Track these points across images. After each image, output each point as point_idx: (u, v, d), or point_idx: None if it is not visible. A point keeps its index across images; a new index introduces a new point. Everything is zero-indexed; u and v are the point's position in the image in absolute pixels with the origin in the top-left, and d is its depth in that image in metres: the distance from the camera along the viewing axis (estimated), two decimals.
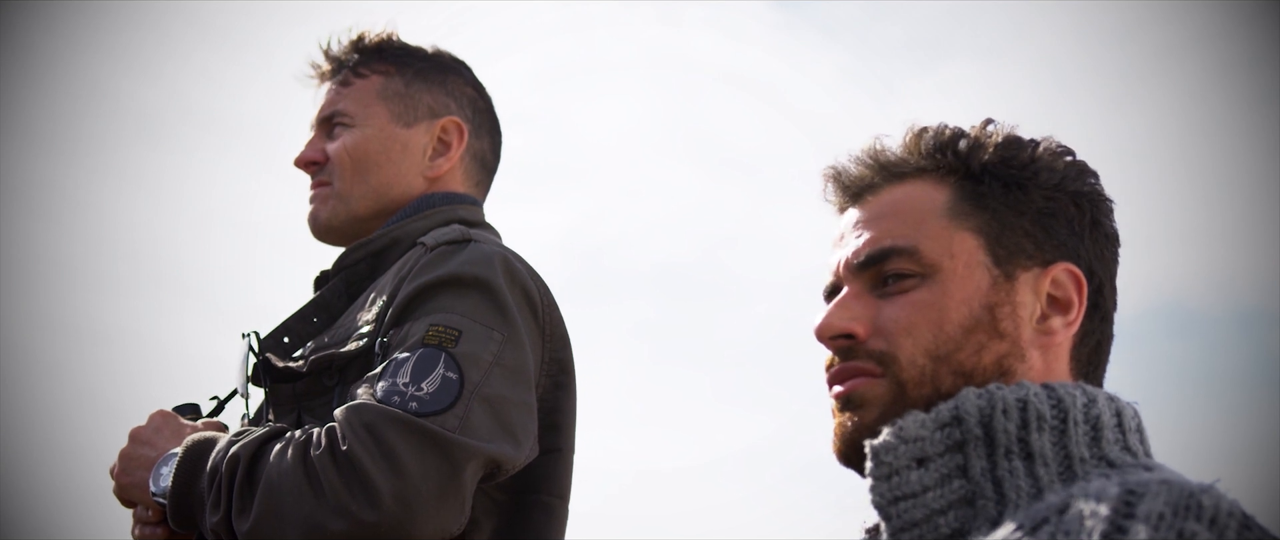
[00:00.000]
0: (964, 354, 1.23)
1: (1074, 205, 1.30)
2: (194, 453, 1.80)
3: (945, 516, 1.17)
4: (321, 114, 2.17)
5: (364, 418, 1.68)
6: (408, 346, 1.78)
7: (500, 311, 1.83)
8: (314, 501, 1.65)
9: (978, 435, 1.18)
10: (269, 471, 1.70)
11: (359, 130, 2.12)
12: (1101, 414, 1.20)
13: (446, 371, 1.75)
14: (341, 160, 2.11)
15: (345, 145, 2.11)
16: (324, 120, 2.16)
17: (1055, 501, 1.08)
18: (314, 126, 2.17)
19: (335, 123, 2.15)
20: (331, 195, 2.11)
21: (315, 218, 2.13)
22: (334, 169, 2.11)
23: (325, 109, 2.16)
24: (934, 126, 1.33)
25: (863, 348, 1.26)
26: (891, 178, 1.33)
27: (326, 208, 2.11)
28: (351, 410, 1.70)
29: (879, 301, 1.27)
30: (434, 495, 1.67)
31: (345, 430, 1.68)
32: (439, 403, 1.73)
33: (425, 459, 1.67)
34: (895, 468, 1.19)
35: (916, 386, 1.23)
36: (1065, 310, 1.28)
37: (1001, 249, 1.27)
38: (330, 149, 2.12)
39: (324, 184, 2.13)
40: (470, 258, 1.88)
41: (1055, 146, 1.32)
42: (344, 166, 2.11)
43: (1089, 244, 1.30)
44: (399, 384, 1.73)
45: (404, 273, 1.89)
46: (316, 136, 2.16)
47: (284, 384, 1.93)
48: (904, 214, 1.29)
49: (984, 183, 1.29)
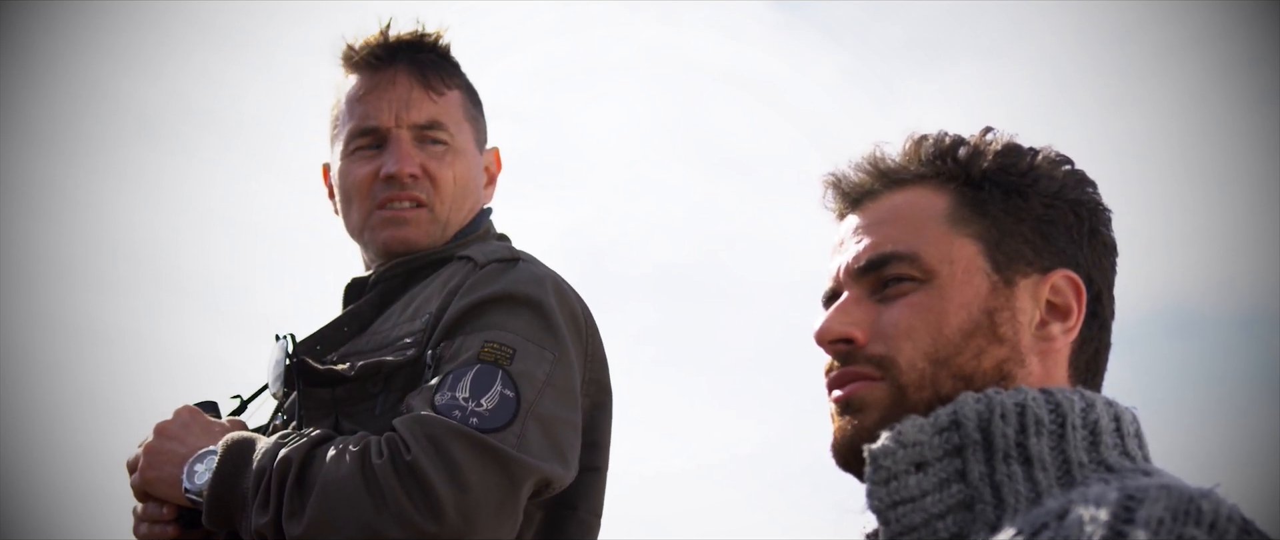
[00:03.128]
0: (964, 358, 1.24)
1: (1073, 213, 1.30)
2: (235, 451, 1.79)
3: (944, 521, 1.17)
4: (416, 119, 2.01)
5: (428, 429, 1.70)
6: (463, 361, 1.79)
7: (551, 331, 1.86)
8: (373, 509, 1.67)
9: (976, 440, 1.18)
10: (325, 476, 1.71)
11: (459, 154, 2.04)
12: (1100, 419, 1.20)
13: (504, 389, 1.78)
14: (448, 187, 2.01)
15: (455, 172, 2.02)
16: (419, 128, 2.01)
17: (1054, 507, 1.08)
18: (397, 126, 2.00)
19: (432, 137, 2.02)
20: (430, 219, 2.01)
21: (407, 240, 2.00)
22: (438, 194, 2.00)
23: (420, 114, 2.01)
24: (934, 134, 1.33)
25: (862, 352, 1.26)
26: (891, 184, 1.33)
27: (422, 232, 2.01)
28: (415, 421, 1.72)
29: (878, 306, 1.28)
30: (493, 510, 1.70)
31: (409, 440, 1.70)
32: (498, 419, 1.76)
33: (486, 474, 1.70)
34: (894, 472, 1.19)
35: (916, 390, 1.24)
36: (1064, 317, 1.28)
37: (1001, 255, 1.28)
38: (433, 169, 2.00)
39: (419, 203, 2.00)
40: (522, 277, 1.90)
41: (1054, 155, 1.33)
42: (449, 193, 2.02)
43: (1087, 252, 1.30)
44: (459, 398, 1.75)
45: (452, 287, 1.90)
46: (410, 144, 2.00)
47: (322, 388, 1.90)
48: (904, 220, 1.30)
49: (984, 190, 1.30)
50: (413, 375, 1.85)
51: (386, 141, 2.00)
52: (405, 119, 2.00)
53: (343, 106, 2.05)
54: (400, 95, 2.01)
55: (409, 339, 1.88)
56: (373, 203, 1.99)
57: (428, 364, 1.84)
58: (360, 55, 2.04)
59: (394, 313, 1.96)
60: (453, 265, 1.96)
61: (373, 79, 2.03)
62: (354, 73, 2.06)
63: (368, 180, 1.99)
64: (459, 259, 1.96)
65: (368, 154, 2.01)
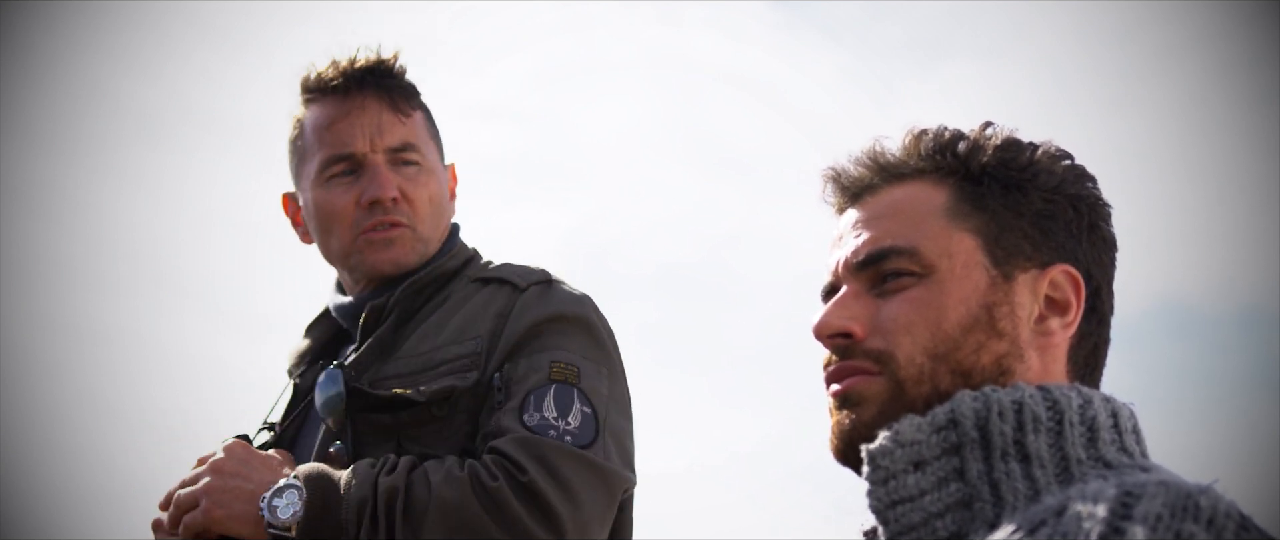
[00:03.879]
0: (962, 353, 1.24)
1: (1072, 208, 1.30)
2: (321, 484, 1.81)
3: (943, 519, 1.17)
4: (389, 142, 2.06)
5: (536, 450, 1.81)
6: (535, 382, 1.90)
7: (601, 347, 1.99)
8: (497, 529, 1.77)
9: (974, 438, 1.18)
10: (440, 501, 1.78)
11: (430, 173, 2.10)
12: (1097, 415, 1.20)
13: (582, 406, 1.90)
14: (423, 207, 2.07)
15: (428, 191, 2.08)
16: (393, 151, 2.07)
17: (1053, 503, 1.08)
18: (372, 151, 2.05)
19: (405, 159, 2.07)
20: (413, 238, 2.06)
21: (398, 261, 2.05)
22: (416, 214, 2.06)
23: (393, 138, 2.07)
24: (933, 128, 1.33)
25: (861, 346, 1.26)
26: (891, 179, 1.33)
27: (409, 251, 2.06)
28: (521, 442, 1.82)
29: (877, 301, 1.28)
30: (599, 522, 1.87)
31: (523, 461, 1.80)
32: (587, 435, 1.89)
33: (592, 488, 1.85)
34: (892, 472, 1.19)
35: (914, 385, 1.23)
36: (1063, 312, 1.28)
37: (1000, 250, 1.28)
38: (409, 191, 2.05)
39: (398, 224, 2.05)
40: (566, 297, 2.02)
41: (1054, 150, 1.32)
42: (425, 213, 2.07)
43: (1087, 247, 1.30)
44: (548, 418, 1.86)
45: (498, 310, 1.98)
46: (387, 168, 2.05)
47: (382, 414, 1.93)
48: (903, 214, 1.30)
49: (983, 184, 1.30)
50: (476, 398, 1.92)
51: (362, 167, 2.04)
52: (379, 144, 2.05)
53: (309, 135, 2.09)
54: (370, 120, 2.05)
55: (466, 361, 1.94)
56: (357, 229, 2.04)
57: (496, 386, 1.91)
58: (323, 83, 2.09)
59: (423, 335, 2.00)
60: (490, 288, 2.03)
61: (341, 106, 2.07)
62: (316, 102, 2.10)
63: (350, 207, 2.04)
64: (494, 282, 2.04)
65: (345, 181, 2.05)
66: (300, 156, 2.11)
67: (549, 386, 1.90)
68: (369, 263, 2.05)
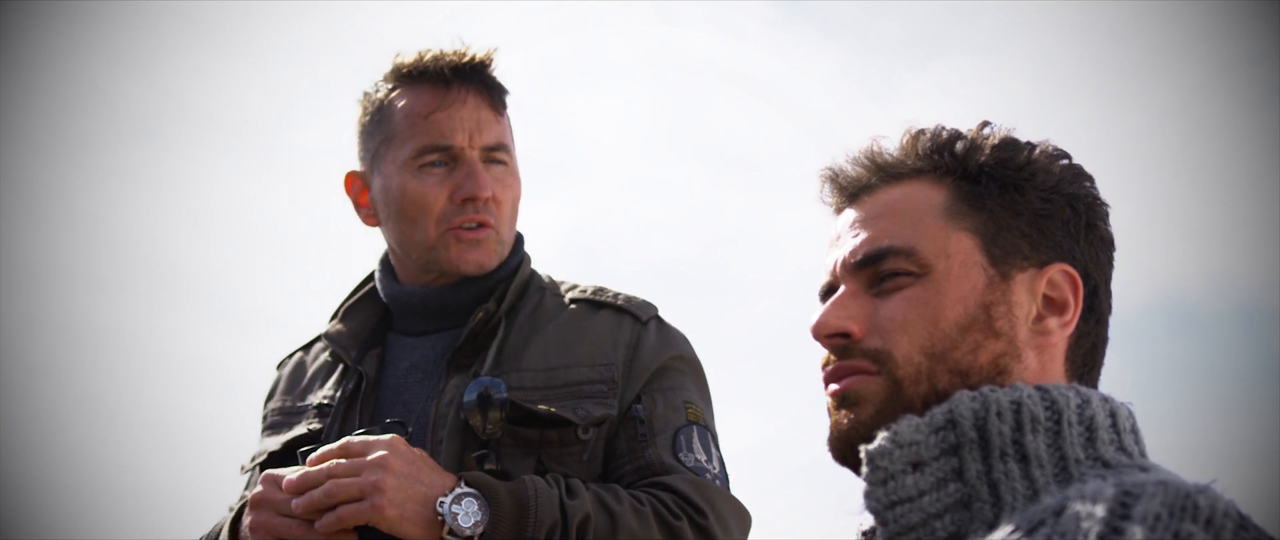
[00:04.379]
0: (960, 352, 1.24)
1: (1070, 207, 1.30)
2: (500, 497, 1.80)
3: (941, 520, 1.17)
4: (486, 140, 2.04)
5: (707, 494, 1.92)
6: (678, 422, 1.99)
7: (706, 390, 2.11)
8: None
9: (972, 438, 1.18)
10: (627, 531, 1.84)
11: (515, 177, 2.08)
12: (1096, 415, 1.20)
13: (716, 449, 2.03)
14: (508, 210, 2.06)
15: (513, 194, 2.07)
16: (488, 149, 2.04)
17: (1051, 503, 1.08)
18: (470, 147, 2.02)
19: (496, 158, 2.05)
20: (496, 240, 2.05)
21: (483, 264, 2.04)
22: (501, 216, 2.05)
23: (489, 136, 2.04)
24: (931, 128, 1.33)
25: (858, 346, 1.26)
26: (888, 178, 1.33)
27: (492, 253, 2.05)
28: (694, 486, 1.92)
29: (875, 300, 1.28)
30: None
31: (700, 504, 1.90)
32: (726, 478, 2.01)
33: (741, 528, 1.97)
34: (891, 472, 1.19)
35: (912, 384, 1.23)
36: (1061, 311, 1.28)
37: (997, 249, 1.27)
38: (498, 192, 2.04)
39: (486, 225, 2.03)
40: (681, 338, 2.10)
41: (1052, 149, 1.32)
42: (508, 216, 2.07)
43: (1084, 246, 1.30)
44: (701, 460, 1.97)
45: (628, 342, 2.03)
46: (481, 166, 2.03)
47: (528, 428, 1.92)
48: (901, 214, 1.30)
49: (981, 184, 1.30)
50: (610, 426, 1.96)
51: (458, 161, 2.02)
52: (478, 140, 2.02)
53: (400, 120, 2.04)
54: (470, 115, 2.03)
55: (603, 387, 1.98)
56: (445, 223, 2.01)
57: (639, 419, 1.97)
58: (423, 70, 2.05)
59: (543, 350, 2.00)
60: (606, 314, 2.06)
61: (441, 96, 2.03)
62: (410, 88, 2.06)
63: (441, 200, 2.01)
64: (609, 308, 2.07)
65: (438, 172, 2.02)
66: (385, 139, 2.06)
67: (691, 427, 2.00)
68: (452, 259, 2.02)
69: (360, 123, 2.12)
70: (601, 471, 1.96)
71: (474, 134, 2.02)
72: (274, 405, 2.16)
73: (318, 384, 2.12)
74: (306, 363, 2.19)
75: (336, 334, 2.12)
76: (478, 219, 2.01)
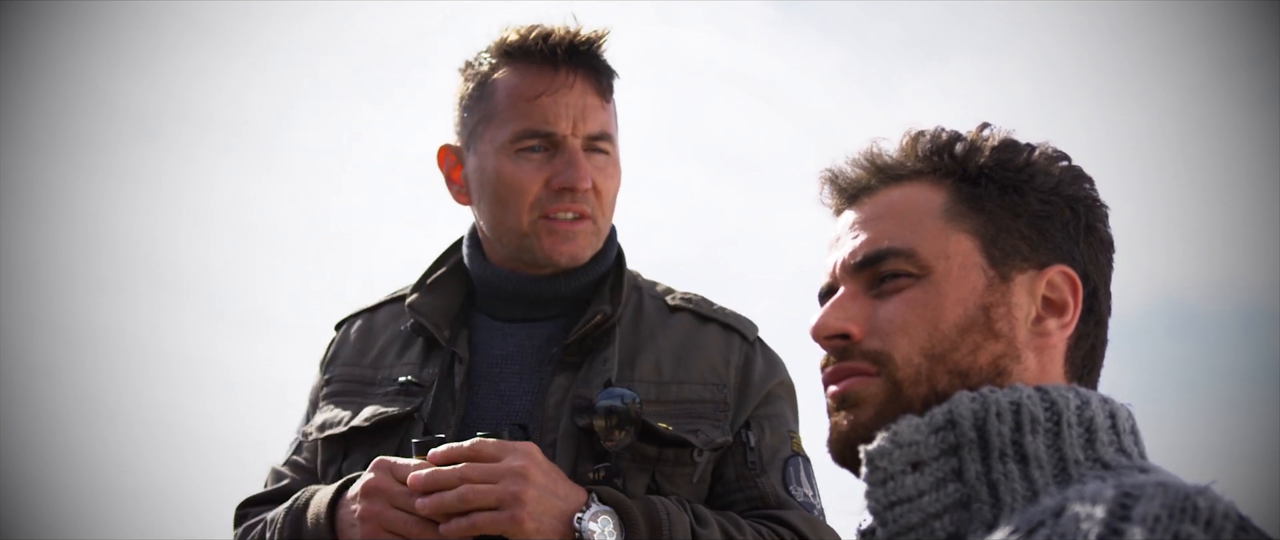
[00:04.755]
0: (959, 354, 1.24)
1: (1069, 209, 1.30)
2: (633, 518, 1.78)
3: (941, 520, 1.17)
4: (590, 129, 1.94)
5: (819, 532, 1.94)
6: (786, 453, 1.99)
7: (798, 416, 2.08)
8: None
9: (972, 438, 1.18)
10: None
11: (617, 166, 1.99)
12: (1095, 416, 1.20)
13: (814, 480, 2.02)
14: (608, 199, 1.98)
15: (614, 184, 1.98)
16: (591, 138, 1.95)
17: (1051, 504, 1.08)
18: (573, 135, 1.93)
19: (599, 147, 1.96)
20: (593, 232, 1.96)
21: (577, 255, 1.95)
22: (601, 207, 1.96)
23: (594, 125, 1.95)
24: (930, 129, 1.33)
25: (858, 347, 1.26)
26: (888, 180, 1.33)
27: (588, 245, 1.97)
28: (809, 523, 1.93)
29: (874, 302, 1.28)
30: None
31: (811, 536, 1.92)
32: (823, 511, 2.01)
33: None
34: (890, 472, 1.19)
35: (912, 385, 1.23)
36: (1060, 312, 1.28)
37: (997, 251, 1.27)
38: (599, 182, 1.94)
39: (584, 216, 1.94)
40: (781, 362, 2.07)
41: (1051, 151, 1.32)
42: (608, 207, 1.98)
43: (1084, 248, 1.30)
44: (808, 494, 1.99)
45: (738, 364, 2.00)
46: (583, 155, 1.93)
47: (648, 444, 1.89)
48: (900, 215, 1.30)
49: (980, 186, 1.30)
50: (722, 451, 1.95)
51: (559, 149, 1.93)
52: (581, 129, 1.93)
53: (502, 98, 1.95)
54: (576, 102, 1.93)
55: (714, 407, 1.95)
56: (539, 210, 1.93)
57: (749, 446, 1.96)
58: (531, 49, 1.95)
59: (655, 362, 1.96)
60: (714, 329, 2.02)
61: (547, 79, 1.94)
62: (516, 65, 1.96)
63: (538, 186, 1.92)
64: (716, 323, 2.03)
65: (536, 157, 1.93)
66: (484, 117, 1.96)
67: (797, 459, 1.99)
68: (545, 249, 1.94)
69: (460, 94, 2.02)
70: (707, 495, 1.94)
71: (578, 122, 1.92)
72: (340, 371, 2.05)
73: (393, 355, 2.02)
74: (376, 328, 2.08)
75: (424, 306, 2.02)
76: (575, 209, 1.93)
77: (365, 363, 2.03)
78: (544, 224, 1.93)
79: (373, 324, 2.09)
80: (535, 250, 1.95)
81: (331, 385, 2.04)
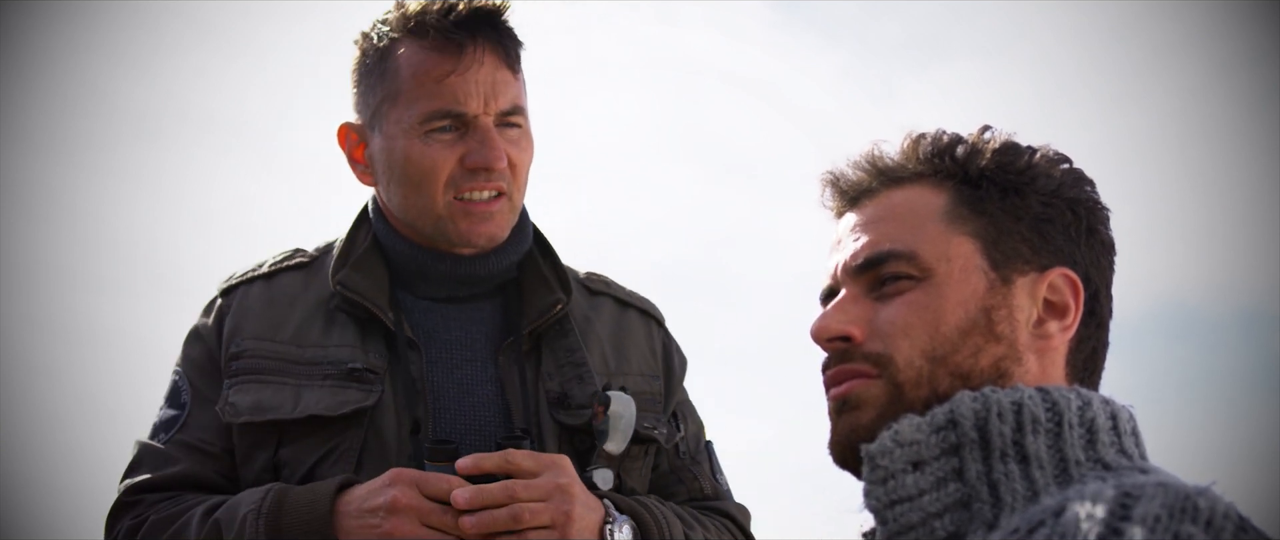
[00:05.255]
0: (961, 356, 1.24)
1: (1071, 212, 1.30)
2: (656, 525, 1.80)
3: (941, 520, 1.17)
4: (502, 105, 1.85)
5: (747, 519, 1.97)
6: (703, 441, 2.03)
7: None
8: None
9: (973, 438, 1.18)
10: None
11: (529, 138, 1.91)
12: (1096, 416, 1.20)
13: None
14: (523, 173, 1.90)
15: (528, 157, 1.90)
16: (503, 114, 1.86)
17: (1051, 504, 1.08)
18: (485, 114, 1.84)
19: (511, 122, 1.87)
20: (509, 209, 1.89)
21: (494, 235, 1.89)
22: (515, 181, 1.88)
23: (505, 100, 1.85)
24: (931, 132, 1.34)
25: (859, 349, 1.27)
26: (889, 182, 1.33)
27: (505, 223, 1.90)
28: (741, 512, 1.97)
29: (876, 304, 1.28)
30: None
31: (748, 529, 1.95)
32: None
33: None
34: (891, 472, 1.19)
35: (913, 388, 1.24)
36: (1062, 315, 1.28)
37: (998, 253, 1.28)
38: (514, 157, 1.86)
39: (501, 194, 1.87)
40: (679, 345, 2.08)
41: (1052, 153, 1.33)
42: (523, 182, 1.91)
43: (1085, 250, 1.30)
44: (726, 481, 2.02)
45: (661, 352, 2.03)
46: (494, 131, 1.85)
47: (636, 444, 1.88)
48: (901, 218, 1.30)
49: (981, 188, 1.30)
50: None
51: (471, 127, 1.84)
52: (493, 106, 1.84)
53: (407, 77, 1.85)
54: (486, 78, 1.84)
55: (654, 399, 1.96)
56: (453, 191, 1.85)
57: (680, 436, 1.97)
58: (435, 22, 1.85)
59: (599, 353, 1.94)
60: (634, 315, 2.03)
61: (454, 57, 1.84)
62: (419, 41, 1.86)
63: (450, 166, 1.84)
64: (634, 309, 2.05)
65: (447, 137, 1.84)
66: (388, 96, 1.87)
67: (711, 445, 2.03)
68: (462, 231, 1.87)
69: (357, 70, 1.93)
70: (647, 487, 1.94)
71: (489, 99, 1.84)
72: (251, 345, 1.89)
73: (318, 334, 1.89)
74: (279, 299, 1.94)
75: (358, 285, 1.90)
76: (491, 187, 1.86)
77: (282, 338, 1.89)
78: (459, 206, 1.86)
79: (274, 295, 1.95)
80: (451, 233, 1.88)
81: (243, 360, 1.88)
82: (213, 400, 1.87)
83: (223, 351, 1.90)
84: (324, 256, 2.00)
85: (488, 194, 1.86)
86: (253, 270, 2.00)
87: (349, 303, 1.90)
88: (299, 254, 2.01)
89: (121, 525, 1.82)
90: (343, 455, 1.79)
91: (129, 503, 1.84)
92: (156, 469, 1.84)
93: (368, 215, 1.99)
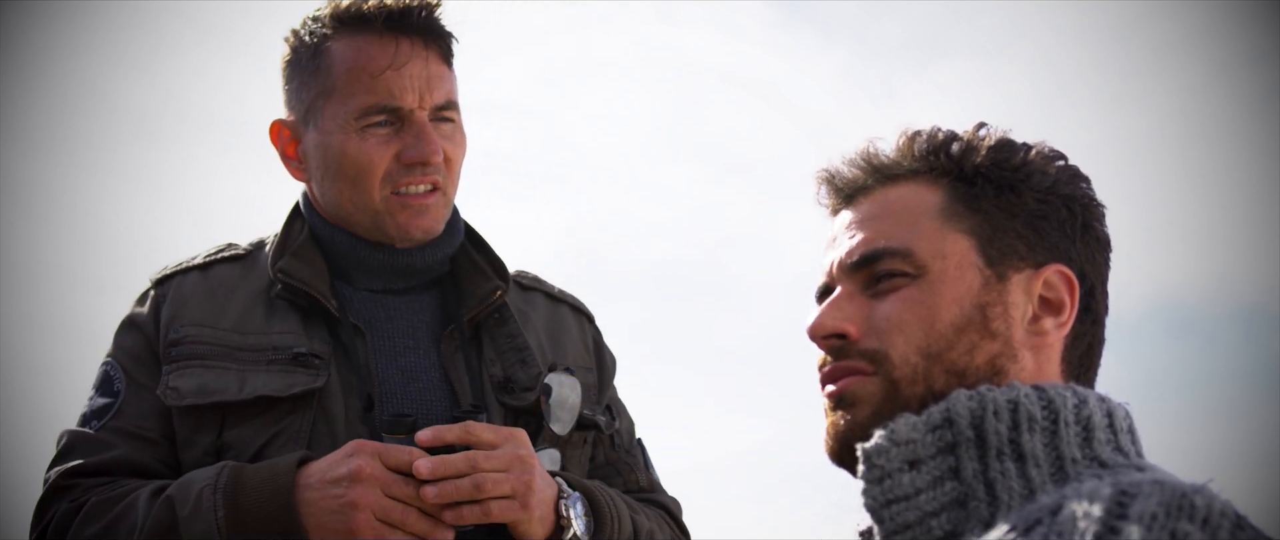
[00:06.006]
0: (956, 353, 1.24)
1: (1066, 208, 1.30)
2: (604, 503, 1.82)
3: (938, 518, 1.17)
4: (437, 99, 1.87)
5: (680, 511, 2.02)
6: (635, 436, 2.06)
7: None
8: None
9: (969, 437, 1.18)
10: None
11: (462, 132, 1.93)
12: (1093, 414, 1.20)
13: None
14: (457, 167, 1.92)
15: (461, 151, 1.92)
16: (438, 108, 1.88)
17: (1048, 502, 1.08)
18: (420, 108, 1.86)
19: (445, 116, 1.89)
20: (444, 203, 1.92)
21: (431, 229, 1.91)
22: (450, 175, 1.91)
23: (439, 94, 1.88)
24: (927, 129, 1.34)
25: (855, 347, 1.26)
26: (884, 180, 1.33)
27: (441, 217, 1.92)
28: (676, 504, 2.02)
29: (871, 301, 1.28)
30: None
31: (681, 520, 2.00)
32: None
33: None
34: (888, 471, 1.19)
35: (909, 385, 1.24)
36: (1057, 312, 1.28)
37: (994, 250, 1.28)
38: (449, 151, 1.89)
39: (436, 188, 1.89)
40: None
41: (1047, 151, 1.32)
42: (457, 173, 1.93)
43: (1080, 247, 1.30)
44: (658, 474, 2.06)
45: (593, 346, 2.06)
46: (429, 125, 1.87)
47: (580, 431, 1.93)
48: (897, 215, 1.30)
49: (976, 185, 1.30)
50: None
51: (406, 122, 1.86)
52: (428, 100, 1.86)
53: (340, 73, 1.87)
54: (421, 73, 1.86)
55: (591, 391, 1.98)
56: (390, 185, 1.86)
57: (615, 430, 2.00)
58: (368, 15, 1.87)
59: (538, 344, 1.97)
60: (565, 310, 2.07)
61: (389, 52, 1.86)
62: (352, 35, 1.88)
63: (386, 161, 1.86)
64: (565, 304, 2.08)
65: (383, 132, 1.85)
66: (322, 92, 1.88)
67: (641, 441, 2.06)
68: (399, 225, 1.88)
69: (289, 67, 1.94)
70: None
71: (424, 93, 1.85)
72: (192, 332, 1.87)
73: (259, 321, 1.88)
74: (217, 290, 1.93)
75: (300, 273, 1.90)
76: (427, 181, 1.87)
77: (224, 326, 1.88)
78: (396, 200, 1.87)
79: (211, 285, 1.94)
80: (388, 227, 1.89)
81: (183, 347, 1.86)
82: (150, 387, 1.86)
83: (161, 338, 1.89)
84: (258, 250, 2.00)
85: (424, 187, 1.88)
86: (186, 262, 2.00)
87: (291, 290, 1.90)
88: (232, 247, 2.02)
89: (55, 509, 1.79)
90: (291, 437, 1.78)
91: (64, 487, 1.80)
92: (91, 454, 1.82)
93: (300, 211, 2.00)
